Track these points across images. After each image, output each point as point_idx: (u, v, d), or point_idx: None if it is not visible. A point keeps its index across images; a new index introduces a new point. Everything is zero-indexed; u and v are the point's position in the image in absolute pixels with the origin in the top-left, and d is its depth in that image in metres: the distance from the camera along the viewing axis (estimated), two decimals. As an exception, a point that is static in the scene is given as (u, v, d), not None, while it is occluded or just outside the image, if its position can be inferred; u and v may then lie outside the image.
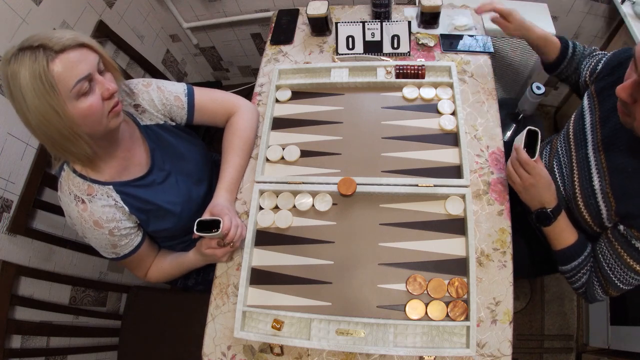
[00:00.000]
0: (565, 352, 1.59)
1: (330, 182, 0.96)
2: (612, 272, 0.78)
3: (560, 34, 1.05)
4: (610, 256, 0.78)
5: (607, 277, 0.80)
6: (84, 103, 0.70)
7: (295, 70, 1.16)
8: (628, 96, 0.65)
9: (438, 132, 1.02)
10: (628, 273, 0.76)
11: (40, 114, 0.67)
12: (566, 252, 0.85)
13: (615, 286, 0.79)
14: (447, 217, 0.91)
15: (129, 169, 0.88)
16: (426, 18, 1.21)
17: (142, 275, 0.99)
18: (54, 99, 0.66)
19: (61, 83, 0.67)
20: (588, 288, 0.84)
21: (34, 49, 0.65)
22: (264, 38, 1.97)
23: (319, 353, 0.84)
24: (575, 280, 0.86)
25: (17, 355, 1.09)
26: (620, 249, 0.76)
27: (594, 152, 0.83)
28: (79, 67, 0.69)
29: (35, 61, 0.64)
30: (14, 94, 0.66)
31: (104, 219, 0.82)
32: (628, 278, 0.77)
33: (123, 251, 0.89)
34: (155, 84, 0.96)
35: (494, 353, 0.80)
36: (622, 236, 0.76)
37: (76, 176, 0.81)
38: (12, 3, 1.11)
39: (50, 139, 0.71)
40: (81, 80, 0.69)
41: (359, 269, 0.89)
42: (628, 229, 0.75)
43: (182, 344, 1.27)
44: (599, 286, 0.82)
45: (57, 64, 0.66)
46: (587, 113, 0.88)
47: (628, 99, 0.65)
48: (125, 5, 1.60)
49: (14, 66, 0.65)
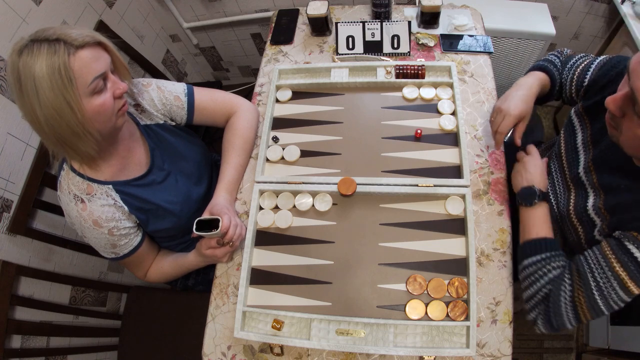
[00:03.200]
0: (565, 352, 1.59)
1: (330, 182, 0.96)
2: (599, 290, 0.69)
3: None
4: (602, 269, 0.69)
5: (590, 297, 0.69)
6: (97, 100, 0.71)
7: (295, 70, 1.16)
8: (617, 109, 0.63)
9: (438, 132, 1.02)
10: (616, 290, 0.67)
11: (53, 108, 0.67)
12: (536, 242, 0.80)
13: (595, 308, 0.70)
14: (447, 217, 0.91)
15: (128, 168, 0.89)
16: (426, 18, 1.21)
17: (141, 275, 0.99)
18: (71, 93, 0.67)
19: (80, 78, 0.68)
20: (555, 311, 0.74)
21: (52, 42, 0.65)
22: (264, 38, 1.97)
23: (319, 353, 0.84)
24: (531, 284, 0.78)
25: (17, 355, 1.09)
26: (614, 259, 0.68)
27: (586, 172, 0.81)
28: (97, 65, 0.70)
29: (55, 54, 0.65)
30: (24, 86, 0.66)
31: (103, 219, 0.82)
32: (614, 297, 0.68)
33: (123, 251, 0.89)
34: (155, 83, 0.96)
35: (493, 353, 0.80)
36: (617, 242, 0.69)
37: (75, 175, 0.81)
38: (12, 3, 1.11)
39: (57, 135, 0.70)
40: (98, 78, 0.70)
41: (359, 269, 0.89)
42: (624, 232, 0.69)
43: (182, 344, 1.27)
44: (572, 310, 0.72)
45: (77, 58, 0.67)
46: (579, 131, 0.85)
47: (617, 111, 0.63)
48: (125, 5, 1.60)
49: (27, 58, 0.64)
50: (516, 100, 0.87)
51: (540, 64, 0.95)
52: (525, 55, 1.59)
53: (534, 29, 1.48)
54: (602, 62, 0.85)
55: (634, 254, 0.66)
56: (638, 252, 0.65)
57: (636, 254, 0.65)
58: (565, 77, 0.93)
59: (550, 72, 0.93)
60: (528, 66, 1.64)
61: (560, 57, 0.96)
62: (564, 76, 0.93)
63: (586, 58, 0.90)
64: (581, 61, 0.90)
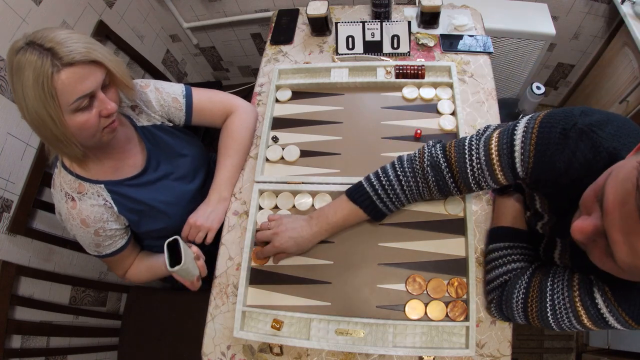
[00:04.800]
0: (565, 352, 1.59)
1: (330, 182, 0.96)
2: (553, 312, 0.66)
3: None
4: (563, 298, 0.65)
5: (542, 312, 0.67)
6: (80, 117, 0.71)
7: (295, 70, 1.16)
8: (586, 239, 0.51)
9: (438, 132, 1.02)
10: (571, 320, 0.64)
11: (37, 115, 0.67)
12: (505, 230, 0.81)
13: (545, 323, 0.68)
14: (447, 217, 0.91)
15: (122, 169, 0.89)
16: (426, 18, 1.21)
17: (120, 274, 1.00)
18: (52, 108, 0.66)
19: (62, 96, 0.67)
20: (507, 303, 0.73)
21: (44, 50, 0.64)
22: (264, 38, 1.97)
23: (318, 353, 0.84)
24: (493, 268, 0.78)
25: (17, 355, 1.09)
26: (578, 297, 0.63)
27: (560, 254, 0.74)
28: (83, 84, 0.68)
29: (41, 66, 0.64)
30: (15, 87, 0.66)
31: (91, 219, 0.83)
32: (567, 323, 0.65)
33: (105, 251, 0.90)
34: (154, 85, 0.96)
35: (493, 353, 0.80)
36: (588, 285, 0.63)
37: (68, 173, 0.82)
38: (12, 3, 1.11)
39: (44, 136, 0.72)
40: (81, 98, 0.69)
41: (358, 269, 0.89)
42: (598, 281, 0.62)
43: (182, 344, 1.27)
44: (523, 311, 0.70)
45: (62, 76, 0.66)
46: (537, 199, 0.75)
47: (586, 241, 0.52)
48: (125, 5, 1.60)
49: (21, 59, 0.64)
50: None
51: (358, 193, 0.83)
52: (525, 55, 1.59)
53: (534, 29, 1.48)
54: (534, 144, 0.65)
55: (598, 304, 0.61)
56: (602, 304, 0.60)
57: (600, 305, 0.61)
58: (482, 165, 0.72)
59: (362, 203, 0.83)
60: (528, 66, 1.64)
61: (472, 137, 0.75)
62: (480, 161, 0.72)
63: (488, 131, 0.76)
64: (487, 137, 0.72)
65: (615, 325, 0.61)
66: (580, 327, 0.65)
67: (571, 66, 1.88)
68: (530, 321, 0.70)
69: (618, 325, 0.61)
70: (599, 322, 0.62)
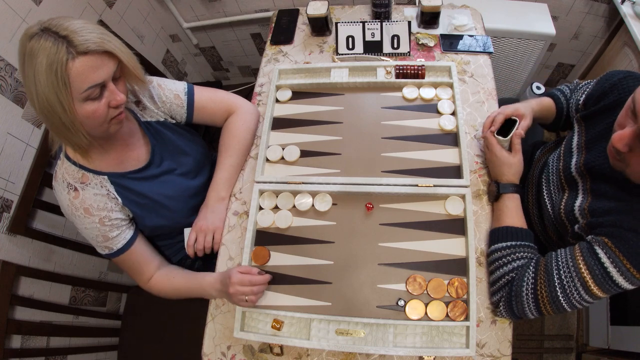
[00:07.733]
0: (565, 352, 1.59)
1: (330, 182, 0.96)
2: (562, 288, 0.71)
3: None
4: (568, 270, 0.71)
5: (552, 293, 0.71)
6: (90, 106, 0.71)
7: (295, 70, 1.16)
8: (625, 146, 0.61)
9: (438, 132, 1.02)
10: (579, 291, 0.69)
11: (47, 101, 0.67)
12: (505, 230, 0.83)
13: (557, 304, 0.72)
14: (447, 217, 0.91)
15: (126, 162, 0.89)
16: (426, 18, 1.21)
17: (145, 279, 0.95)
18: (63, 95, 0.67)
19: (74, 84, 0.67)
20: (516, 298, 0.76)
21: (59, 38, 0.65)
22: (264, 38, 1.97)
23: (318, 353, 0.84)
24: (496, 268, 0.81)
25: (17, 355, 1.09)
26: (582, 262, 0.69)
27: (579, 173, 0.82)
28: (96, 74, 0.69)
29: (56, 53, 0.64)
30: (27, 73, 0.67)
31: (94, 207, 0.83)
32: (577, 297, 0.70)
33: (116, 245, 0.88)
34: (156, 81, 0.96)
35: (493, 353, 0.80)
36: (587, 246, 0.70)
37: (71, 164, 0.82)
38: (12, 3, 1.11)
39: (49, 122, 0.72)
40: (93, 87, 0.70)
41: (358, 269, 0.89)
42: (596, 237, 0.70)
43: (182, 344, 1.27)
44: (534, 301, 0.73)
45: (76, 64, 0.66)
46: (575, 135, 0.87)
47: (625, 148, 0.62)
48: (125, 5, 1.60)
49: (35, 45, 0.65)
50: (512, 104, 0.94)
51: (548, 92, 1.02)
52: (525, 55, 1.59)
53: (534, 29, 1.48)
54: (599, 77, 0.87)
55: (601, 258, 0.67)
56: (605, 257, 0.67)
57: (603, 258, 0.67)
58: (572, 103, 0.95)
59: (555, 97, 0.99)
60: (528, 66, 1.64)
61: (570, 86, 1.00)
62: (573, 100, 0.95)
63: (592, 81, 0.93)
64: (585, 85, 0.94)
65: (620, 281, 0.66)
66: (589, 297, 0.69)
67: (571, 66, 1.88)
68: (542, 310, 0.73)
69: (622, 280, 0.66)
70: (605, 283, 0.67)
